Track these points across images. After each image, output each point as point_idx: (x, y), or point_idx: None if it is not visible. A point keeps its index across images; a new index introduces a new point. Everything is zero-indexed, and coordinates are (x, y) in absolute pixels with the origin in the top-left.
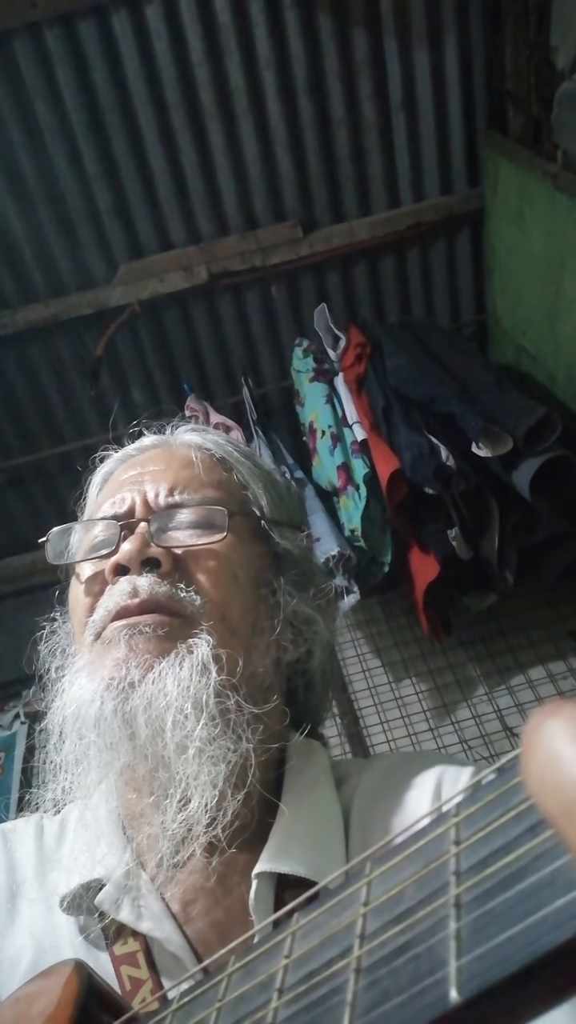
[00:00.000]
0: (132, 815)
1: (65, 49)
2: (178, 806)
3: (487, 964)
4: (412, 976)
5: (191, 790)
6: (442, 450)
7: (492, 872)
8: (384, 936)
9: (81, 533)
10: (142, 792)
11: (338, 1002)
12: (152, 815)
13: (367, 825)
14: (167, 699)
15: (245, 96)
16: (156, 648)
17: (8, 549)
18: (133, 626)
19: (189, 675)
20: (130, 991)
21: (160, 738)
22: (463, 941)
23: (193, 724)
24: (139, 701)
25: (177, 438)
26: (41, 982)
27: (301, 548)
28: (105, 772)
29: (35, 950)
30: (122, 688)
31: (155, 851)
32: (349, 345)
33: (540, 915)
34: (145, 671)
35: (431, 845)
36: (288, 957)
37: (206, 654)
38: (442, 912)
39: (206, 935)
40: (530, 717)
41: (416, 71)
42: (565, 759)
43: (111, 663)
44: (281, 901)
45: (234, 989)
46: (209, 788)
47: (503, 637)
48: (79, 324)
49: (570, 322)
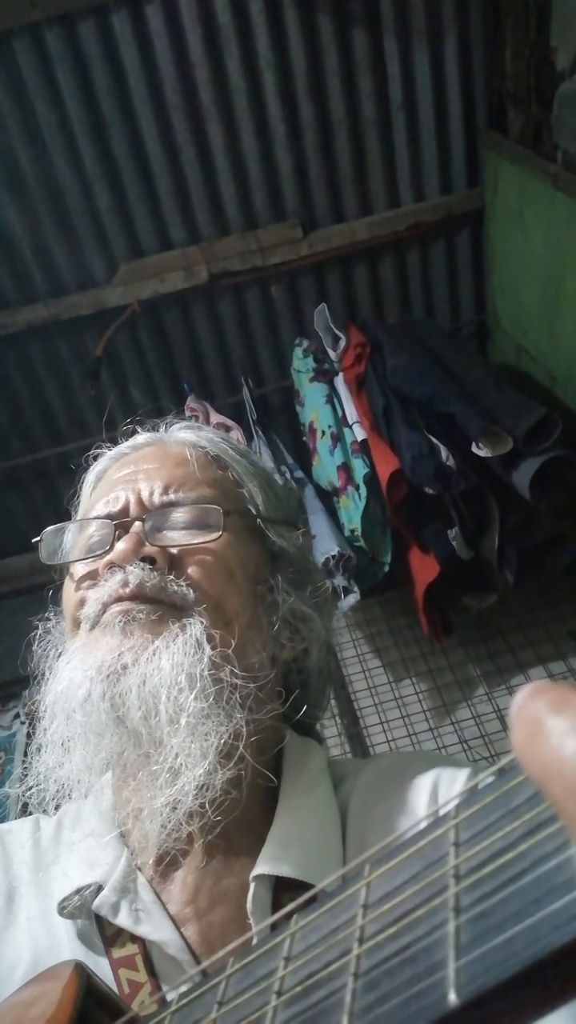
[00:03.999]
0: (128, 809)
1: (65, 49)
2: (167, 778)
3: (486, 966)
4: (411, 978)
5: (181, 761)
6: (442, 450)
7: (491, 873)
8: (383, 938)
9: (75, 532)
10: (132, 780)
11: (336, 1004)
12: (142, 791)
13: (364, 826)
14: (161, 675)
15: (245, 96)
16: (150, 630)
17: (8, 549)
18: (127, 612)
19: (183, 650)
20: (128, 994)
21: (154, 714)
22: (462, 943)
23: (186, 696)
24: (133, 680)
25: (171, 436)
26: (41, 984)
27: (297, 546)
28: (92, 756)
29: (33, 953)
30: (113, 670)
31: (144, 834)
32: (349, 345)
33: (539, 917)
34: (139, 653)
35: (430, 846)
36: (287, 959)
37: (199, 632)
38: (441, 914)
39: (204, 938)
40: (514, 697)
41: (416, 71)
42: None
43: (104, 648)
44: (279, 903)
45: (233, 990)
46: (199, 759)
47: (503, 637)
48: (79, 324)
49: (570, 322)
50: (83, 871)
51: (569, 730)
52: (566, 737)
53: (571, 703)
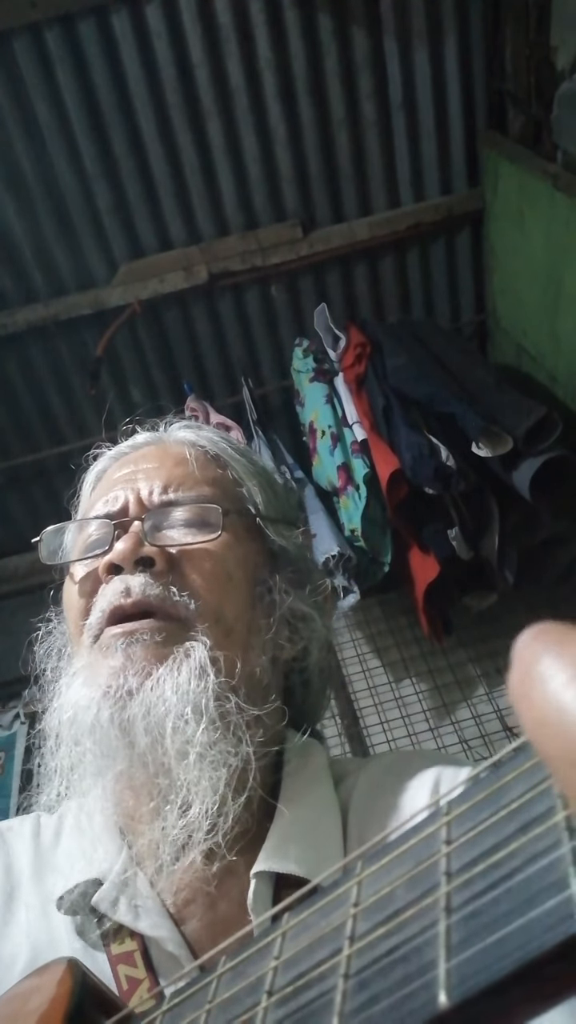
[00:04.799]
0: (129, 817)
1: (65, 49)
2: (179, 812)
3: (477, 967)
4: (401, 979)
5: (192, 796)
6: (442, 450)
7: (482, 872)
8: (373, 937)
9: (75, 532)
10: (140, 797)
11: (326, 1005)
12: (152, 821)
13: (365, 824)
14: (166, 705)
15: (245, 96)
16: (154, 655)
17: (8, 549)
18: (130, 633)
19: (187, 680)
20: (127, 990)
21: (160, 745)
22: (453, 943)
23: (194, 729)
24: (137, 709)
25: (171, 435)
26: (35, 979)
27: (297, 545)
28: (101, 778)
29: (32, 949)
30: (119, 696)
31: (155, 857)
32: (349, 345)
33: (530, 917)
34: (143, 679)
35: (422, 844)
36: (278, 958)
37: (203, 657)
38: (432, 913)
39: (204, 934)
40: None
41: (416, 71)
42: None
43: (108, 671)
44: (279, 900)
45: (224, 990)
46: (210, 793)
47: (503, 637)
48: (79, 324)
49: (570, 322)
50: (83, 867)
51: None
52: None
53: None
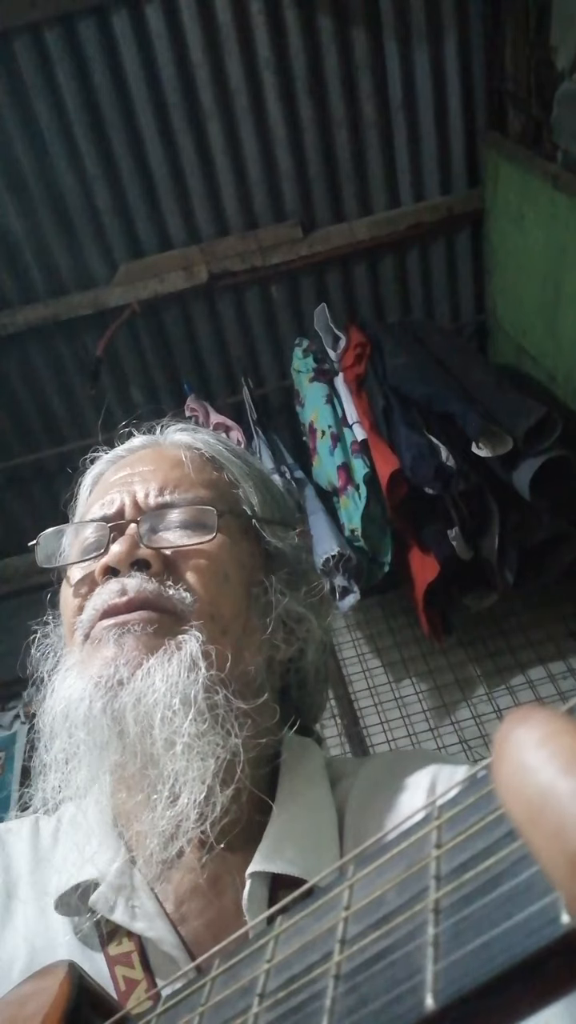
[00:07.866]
0: (123, 813)
1: (65, 49)
2: (167, 802)
3: (464, 971)
4: (389, 982)
5: (180, 786)
6: (442, 450)
7: (472, 876)
8: (364, 941)
9: (71, 535)
10: (132, 790)
11: (317, 1008)
12: (141, 812)
13: (361, 824)
14: (155, 695)
15: (245, 96)
16: (145, 645)
17: (8, 549)
18: (122, 624)
19: (177, 671)
20: (125, 991)
21: (149, 735)
22: (441, 947)
23: (181, 720)
24: (128, 698)
25: (167, 438)
26: (34, 983)
27: (293, 546)
28: (96, 771)
29: (29, 951)
30: (111, 686)
31: (144, 848)
32: (349, 345)
33: (516, 920)
34: (134, 668)
35: (413, 848)
36: (270, 962)
37: (195, 650)
38: (421, 917)
39: (200, 935)
40: (501, 724)
41: (416, 71)
42: (531, 767)
43: (100, 662)
44: (275, 901)
45: (217, 994)
46: (198, 784)
47: (503, 637)
48: (79, 324)
49: (570, 322)
50: (80, 868)
51: (559, 771)
52: (556, 779)
53: (561, 735)
